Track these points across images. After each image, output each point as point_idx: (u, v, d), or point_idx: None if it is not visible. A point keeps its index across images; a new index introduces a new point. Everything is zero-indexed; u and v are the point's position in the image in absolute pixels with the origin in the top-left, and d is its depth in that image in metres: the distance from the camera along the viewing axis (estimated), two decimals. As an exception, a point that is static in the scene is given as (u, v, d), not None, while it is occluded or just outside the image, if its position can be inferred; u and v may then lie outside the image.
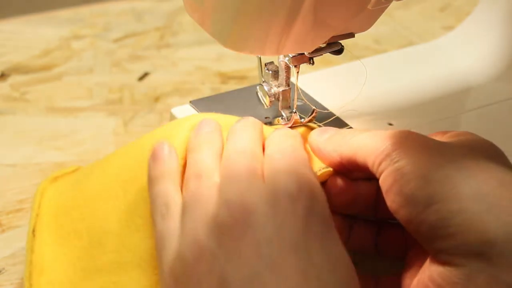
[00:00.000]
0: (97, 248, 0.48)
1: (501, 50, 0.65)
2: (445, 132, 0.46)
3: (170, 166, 0.45)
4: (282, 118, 0.53)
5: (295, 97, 0.53)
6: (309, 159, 0.45)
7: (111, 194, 0.49)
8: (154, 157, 0.46)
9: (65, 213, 0.50)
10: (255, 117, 0.55)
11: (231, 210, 0.40)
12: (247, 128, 0.46)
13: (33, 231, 0.50)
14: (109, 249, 0.47)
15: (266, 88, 0.53)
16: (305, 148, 0.47)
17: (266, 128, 0.49)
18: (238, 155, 0.43)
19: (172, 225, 0.42)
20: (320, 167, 0.46)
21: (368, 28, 0.49)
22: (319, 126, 0.52)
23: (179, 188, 0.44)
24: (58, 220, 0.50)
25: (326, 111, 0.55)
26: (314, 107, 0.52)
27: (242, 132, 0.46)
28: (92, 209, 0.49)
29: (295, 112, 0.53)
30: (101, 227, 0.48)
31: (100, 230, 0.48)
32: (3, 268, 0.54)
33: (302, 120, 0.52)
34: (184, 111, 0.56)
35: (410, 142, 0.42)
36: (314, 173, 0.43)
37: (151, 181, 0.45)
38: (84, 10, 0.90)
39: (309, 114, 0.52)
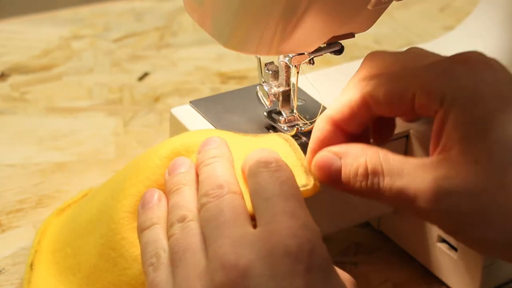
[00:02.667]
0: (87, 284, 0.48)
1: (501, 50, 0.65)
2: None
3: (159, 213, 0.44)
4: (282, 118, 0.53)
5: (295, 97, 0.53)
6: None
7: (94, 228, 0.49)
8: (143, 204, 0.45)
9: (60, 250, 0.51)
10: (255, 117, 0.55)
11: (227, 271, 0.38)
12: (216, 158, 0.45)
13: (31, 265, 0.51)
14: (98, 285, 0.48)
15: (266, 88, 0.53)
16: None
17: (233, 138, 0.48)
18: (217, 197, 0.42)
19: (163, 277, 0.41)
20: (303, 184, 0.46)
21: (368, 28, 0.49)
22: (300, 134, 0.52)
23: None
24: (55, 257, 0.51)
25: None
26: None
27: (212, 166, 0.45)
28: (81, 245, 0.50)
29: (295, 113, 0.53)
30: (89, 263, 0.48)
31: (88, 265, 0.48)
32: (3, 268, 0.54)
33: (303, 128, 0.52)
34: (184, 111, 0.56)
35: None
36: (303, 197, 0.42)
37: (140, 229, 0.44)
38: (84, 10, 0.90)
39: (311, 121, 0.52)
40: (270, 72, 0.53)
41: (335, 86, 0.61)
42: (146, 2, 0.93)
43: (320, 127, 0.47)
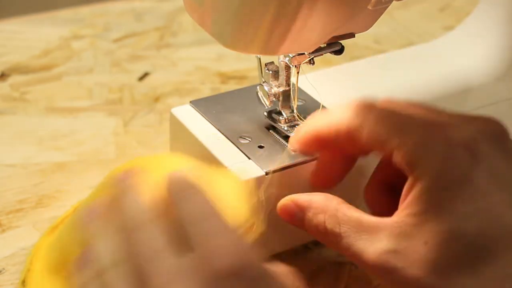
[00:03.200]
0: None
1: (501, 50, 0.65)
2: None
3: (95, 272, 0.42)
4: (282, 117, 0.53)
5: (295, 97, 0.53)
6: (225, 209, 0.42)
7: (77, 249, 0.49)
8: (78, 265, 0.42)
9: (52, 270, 0.51)
10: (255, 117, 0.55)
11: None
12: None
13: (23, 282, 0.51)
14: None
15: (266, 88, 0.53)
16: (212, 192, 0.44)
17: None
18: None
19: None
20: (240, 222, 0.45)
21: (368, 28, 0.49)
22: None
23: None
24: (50, 279, 0.51)
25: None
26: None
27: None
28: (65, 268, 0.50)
29: (295, 113, 0.53)
30: None
31: None
32: (3, 268, 0.54)
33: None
34: (184, 111, 0.56)
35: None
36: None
37: None
38: (84, 10, 0.90)
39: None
40: (270, 72, 0.53)
41: (335, 86, 0.61)
42: (146, 2, 0.93)
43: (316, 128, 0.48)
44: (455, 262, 0.41)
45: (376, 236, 0.43)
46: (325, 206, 0.45)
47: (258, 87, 0.54)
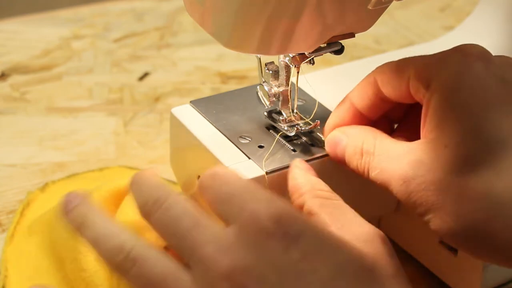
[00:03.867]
0: None
1: (501, 50, 0.65)
2: None
3: None
4: (282, 117, 0.53)
5: (296, 97, 0.53)
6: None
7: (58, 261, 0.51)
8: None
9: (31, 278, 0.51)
10: (255, 117, 0.55)
11: (229, 279, 0.37)
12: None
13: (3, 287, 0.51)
14: None
15: (266, 88, 0.53)
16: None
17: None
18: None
19: None
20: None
21: (368, 28, 0.49)
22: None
23: None
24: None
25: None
26: (317, 120, 0.52)
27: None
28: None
29: (296, 112, 0.53)
30: None
31: None
32: (3, 268, 0.54)
33: (303, 128, 0.52)
34: (184, 111, 0.56)
35: None
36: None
37: None
38: (84, 10, 0.90)
39: (312, 124, 0.52)
40: (270, 72, 0.53)
41: (335, 86, 0.61)
42: (146, 2, 0.93)
43: (339, 113, 0.49)
44: (473, 158, 0.42)
45: (402, 156, 0.44)
46: (366, 130, 0.47)
47: (258, 87, 0.54)
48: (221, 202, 0.40)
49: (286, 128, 0.53)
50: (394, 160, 0.44)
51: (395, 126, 0.51)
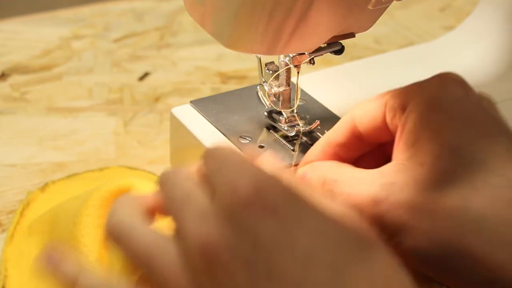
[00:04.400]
0: None
1: (501, 50, 0.65)
2: None
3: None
4: (282, 117, 0.53)
5: (296, 97, 0.53)
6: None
7: None
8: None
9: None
10: (256, 117, 0.55)
11: (203, 255, 0.37)
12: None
13: (3, 287, 0.51)
14: None
15: (266, 88, 0.53)
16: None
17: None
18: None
19: None
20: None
21: (368, 28, 0.49)
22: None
23: None
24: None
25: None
26: (317, 120, 0.52)
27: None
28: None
29: (297, 113, 0.53)
30: None
31: None
32: (3, 268, 0.54)
33: (303, 128, 0.52)
34: (184, 111, 0.56)
35: None
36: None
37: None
38: (84, 10, 0.90)
39: (312, 124, 0.52)
40: (271, 72, 0.53)
41: (335, 86, 0.62)
42: (146, 2, 0.93)
43: (314, 151, 0.48)
44: (450, 173, 0.41)
45: (373, 179, 0.43)
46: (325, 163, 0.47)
47: (258, 87, 0.54)
48: (212, 174, 0.39)
49: (286, 128, 0.53)
50: (363, 185, 0.43)
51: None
